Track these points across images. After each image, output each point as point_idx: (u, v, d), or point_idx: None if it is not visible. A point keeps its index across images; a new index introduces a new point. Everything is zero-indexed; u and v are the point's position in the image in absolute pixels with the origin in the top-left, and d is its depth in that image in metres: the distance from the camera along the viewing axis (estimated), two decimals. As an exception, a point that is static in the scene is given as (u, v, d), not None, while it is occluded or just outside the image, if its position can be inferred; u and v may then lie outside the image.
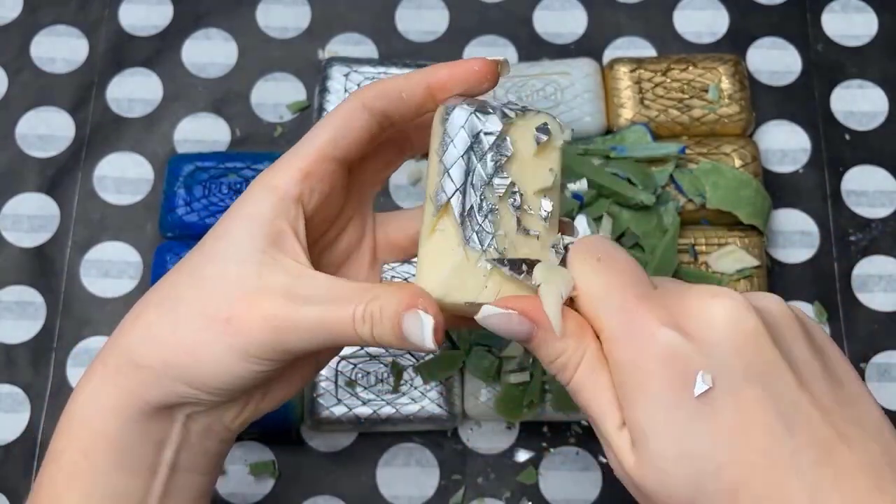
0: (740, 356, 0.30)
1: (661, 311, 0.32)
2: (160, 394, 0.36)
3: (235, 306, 0.34)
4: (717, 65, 0.62)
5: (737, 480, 0.30)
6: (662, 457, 0.31)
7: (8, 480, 0.56)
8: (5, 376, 0.58)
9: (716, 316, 0.31)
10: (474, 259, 0.35)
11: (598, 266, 0.34)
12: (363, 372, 0.56)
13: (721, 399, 0.30)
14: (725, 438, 0.30)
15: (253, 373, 0.35)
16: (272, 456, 0.57)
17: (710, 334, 0.31)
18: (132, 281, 0.60)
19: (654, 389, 0.31)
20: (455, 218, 0.35)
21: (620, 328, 0.32)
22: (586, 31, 0.67)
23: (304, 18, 0.67)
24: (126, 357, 0.36)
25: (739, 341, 0.30)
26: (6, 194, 0.63)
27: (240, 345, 0.34)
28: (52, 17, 0.67)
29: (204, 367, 0.35)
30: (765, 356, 0.31)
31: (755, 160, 0.59)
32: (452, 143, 0.36)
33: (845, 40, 0.66)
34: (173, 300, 0.36)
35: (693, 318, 0.31)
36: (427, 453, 0.57)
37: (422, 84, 0.37)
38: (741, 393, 0.30)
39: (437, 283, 0.35)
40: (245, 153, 0.62)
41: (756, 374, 0.30)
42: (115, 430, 0.36)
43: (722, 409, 0.30)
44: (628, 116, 0.61)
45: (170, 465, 0.37)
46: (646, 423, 0.31)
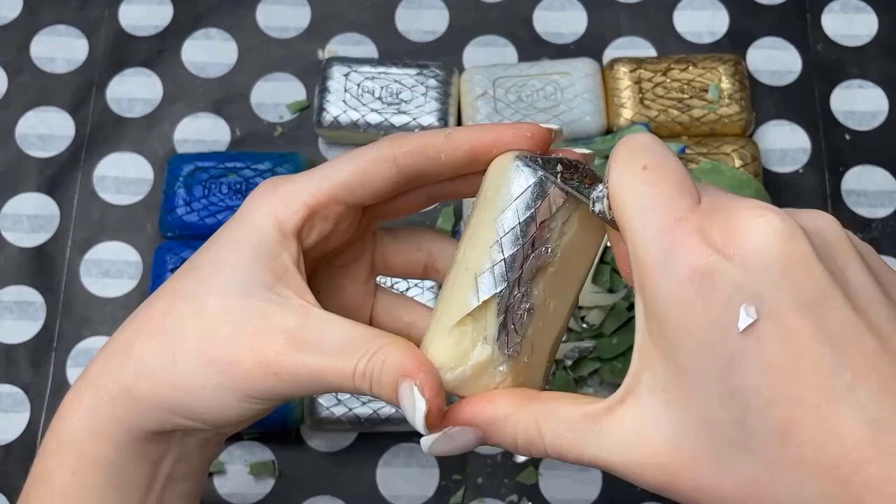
0: (788, 282, 0.27)
1: (704, 233, 0.28)
2: (157, 423, 0.35)
3: (238, 350, 0.33)
4: (717, 65, 0.62)
5: (787, 418, 0.27)
6: (705, 401, 0.28)
7: (8, 480, 0.56)
8: (5, 376, 0.58)
9: (762, 238, 0.28)
10: (497, 361, 0.32)
11: (643, 176, 0.30)
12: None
13: (768, 330, 0.27)
14: (774, 373, 0.27)
15: (254, 411, 0.34)
16: (272, 456, 0.57)
17: (756, 258, 0.28)
18: (132, 281, 0.60)
19: (693, 322, 0.28)
20: (496, 311, 0.32)
21: (659, 255, 0.29)
22: (586, 31, 0.67)
23: (304, 18, 0.67)
24: (120, 388, 0.35)
25: (787, 265, 0.28)
26: (6, 194, 0.63)
27: (241, 389, 0.33)
28: (52, 17, 0.67)
29: (203, 405, 0.34)
30: (816, 282, 0.28)
31: (755, 160, 0.59)
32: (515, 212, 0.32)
33: (845, 40, 0.66)
34: (170, 332, 0.34)
35: (738, 240, 0.28)
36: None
37: (464, 146, 0.34)
38: (789, 323, 0.27)
39: (454, 375, 0.33)
40: (245, 153, 0.62)
41: (806, 301, 0.27)
42: (110, 454, 0.35)
43: (769, 342, 0.27)
44: (628, 116, 0.61)
45: (166, 479, 0.37)
46: (686, 363, 0.28)
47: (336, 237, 0.36)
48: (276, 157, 0.60)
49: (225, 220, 0.58)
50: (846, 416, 0.27)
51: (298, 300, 0.33)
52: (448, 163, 0.34)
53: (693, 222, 0.29)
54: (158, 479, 0.37)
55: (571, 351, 0.54)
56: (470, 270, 0.32)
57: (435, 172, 0.35)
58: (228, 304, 0.33)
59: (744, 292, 0.27)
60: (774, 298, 0.27)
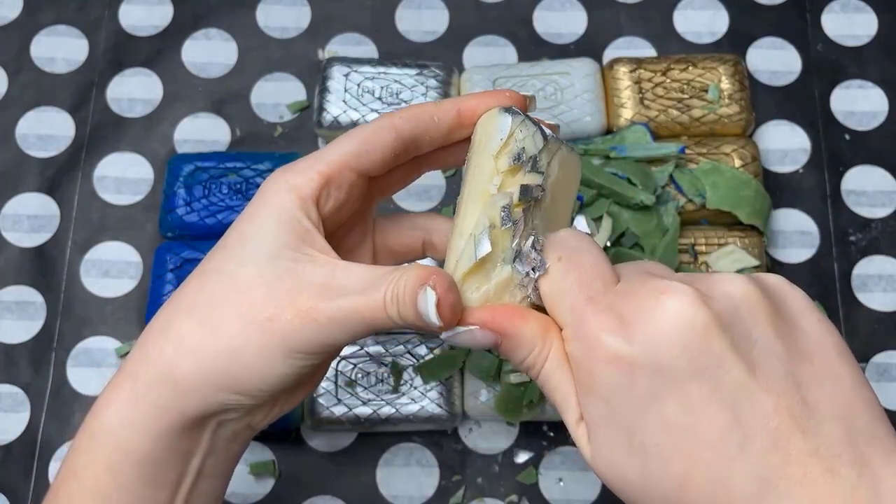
0: (687, 353, 0.31)
1: (609, 314, 0.32)
2: (199, 404, 0.35)
3: (275, 304, 0.35)
4: (717, 65, 0.62)
5: (683, 474, 0.31)
6: (614, 450, 0.32)
7: (8, 480, 0.56)
8: (5, 376, 0.58)
9: (662, 317, 0.31)
10: (516, 280, 0.35)
11: (557, 266, 0.35)
12: (363, 372, 0.56)
13: (667, 396, 0.31)
14: (672, 434, 0.31)
15: (297, 369, 0.35)
16: (272, 456, 0.57)
17: (657, 336, 0.31)
18: (132, 281, 0.60)
19: (602, 389, 0.32)
20: (511, 236, 0.35)
21: (572, 329, 0.33)
22: (586, 31, 0.67)
23: (304, 18, 0.67)
24: (160, 372, 0.36)
25: (686, 339, 0.31)
26: (6, 194, 0.63)
27: (284, 343, 0.35)
28: (52, 17, 0.67)
29: (248, 370, 0.35)
30: (711, 351, 0.31)
31: (755, 160, 0.59)
32: (522, 147, 0.36)
33: (845, 40, 0.66)
34: (205, 306, 0.36)
35: (639, 321, 0.32)
36: (427, 453, 0.57)
37: (453, 110, 0.38)
38: (687, 389, 0.31)
39: (479, 294, 0.35)
40: (245, 153, 0.62)
41: (702, 368, 0.30)
42: (145, 446, 0.36)
43: (668, 406, 0.31)
44: (628, 116, 0.61)
45: (195, 475, 0.37)
46: (597, 420, 0.33)
47: (347, 208, 0.38)
48: (276, 157, 0.60)
49: (225, 220, 0.58)
50: (737, 472, 0.30)
51: (324, 257, 0.36)
52: (440, 126, 0.38)
53: (603, 303, 0.33)
54: (188, 474, 0.37)
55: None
56: (477, 205, 0.36)
57: (428, 137, 0.38)
58: (260, 268, 0.35)
59: (644, 365, 0.31)
60: (673, 368, 0.31)
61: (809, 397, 0.30)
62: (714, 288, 0.32)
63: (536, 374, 0.35)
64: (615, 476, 0.33)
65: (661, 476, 0.31)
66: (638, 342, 0.31)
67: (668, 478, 0.31)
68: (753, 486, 0.29)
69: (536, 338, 0.35)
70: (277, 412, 0.39)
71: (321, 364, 0.39)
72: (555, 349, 0.35)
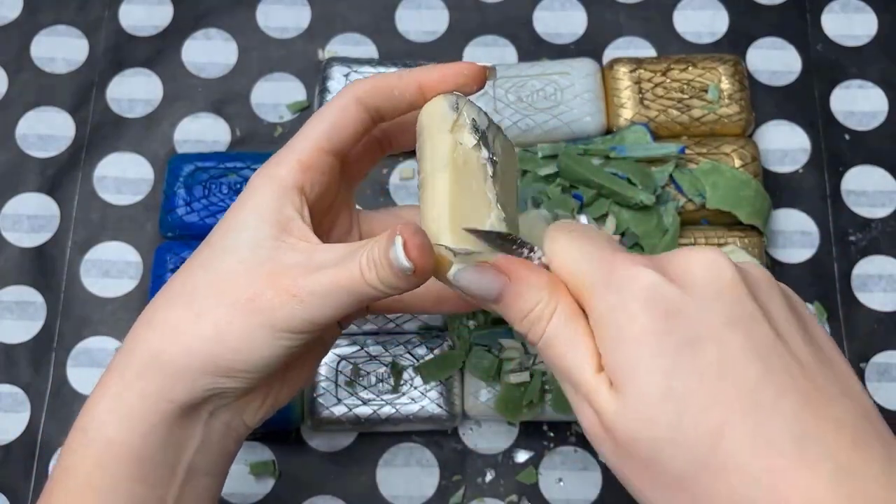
0: (721, 302, 0.31)
1: (641, 259, 0.33)
2: (187, 389, 0.36)
3: (256, 286, 0.35)
4: (717, 65, 0.62)
5: (721, 421, 0.30)
6: (646, 398, 0.31)
7: (8, 480, 0.56)
8: (5, 376, 0.58)
9: (696, 264, 0.31)
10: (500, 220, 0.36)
11: (571, 235, 0.35)
12: (363, 372, 0.56)
13: (705, 341, 0.30)
14: (710, 380, 0.30)
15: (283, 349, 0.35)
16: (272, 456, 0.57)
17: (692, 279, 0.31)
18: (132, 281, 0.60)
19: (637, 330, 0.31)
20: (491, 178, 0.37)
21: (601, 277, 0.33)
22: (586, 31, 0.67)
23: (304, 18, 0.67)
24: (147, 359, 0.36)
25: (720, 288, 0.31)
26: (6, 194, 0.63)
27: (266, 321, 0.35)
28: (52, 17, 0.67)
29: (233, 351, 0.35)
30: (744, 304, 0.31)
31: (755, 160, 0.59)
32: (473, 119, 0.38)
33: (845, 40, 0.66)
34: (189, 295, 0.36)
35: (674, 266, 0.32)
36: (427, 453, 0.57)
37: (414, 83, 0.38)
38: (723, 336, 0.30)
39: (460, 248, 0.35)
40: (245, 153, 0.62)
41: (736, 319, 0.31)
42: (136, 439, 0.36)
43: (706, 351, 0.30)
44: (628, 116, 0.61)
45: (187, 469, 0.37)
46: (630, 365, 0.31)
47: (329, 193, 0.39)
48: (276, 157, 0.60)
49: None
50: (774, 425, 0.29)
51: (304, 243, 0.36)
52: (402, 99, 0.38)
53: (630, 255, 0.33)
54: (181, 470, 0.37)
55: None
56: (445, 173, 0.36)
57: (392, 108, 0.39)
58: (240, 256, 0.36)
59: (682, 305, 0.31)
60: (709, 315, 0.31)
61: (827, 373, 0.31)
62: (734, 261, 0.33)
63: (542, 330, 0.34)
64: (643, 428, 0.31)
65: (695, 424, 0.30)
66: (675, 286, 0.31)
67: (703, 426, 0.30)
68: (790, 444, 0.29)
69: (543, 288, 0.34)
70: (271, 405, 0.39)
71: (311, 351, 0.40)
72: (563, 305, 0.34)
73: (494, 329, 0.55)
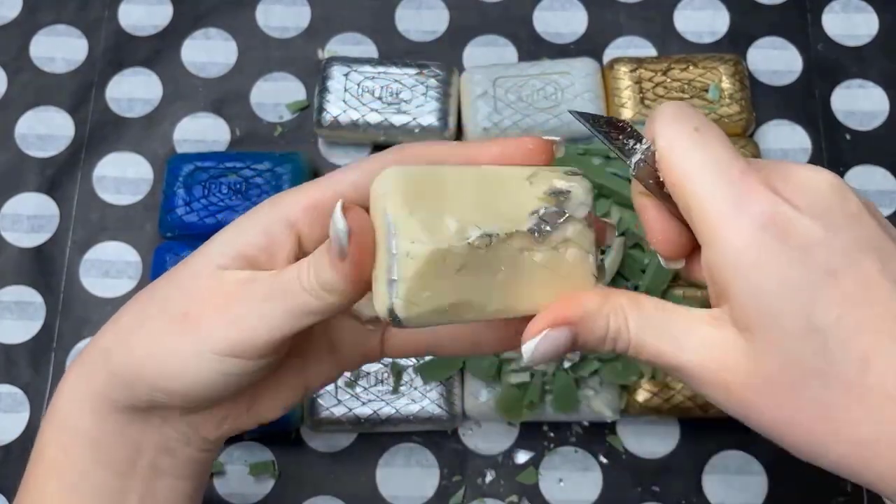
0: (852, 228, 0.30)
1: (771, 185, 0.30)
2: (126, 394, 0.35)
3: (193, 303, 0.33)
4: (718, 65, 0.62)
5: (867, 348, 0.29)
6: (787, 338, 0.29)
7: (8, 480, 0.56)
8: (5, 376, 0.58)
9: (823, 189, 0.30)
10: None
11: (696, 137, 0.31)
12: (363, 372, 0.56)
13: (842, 269, 0.29)
14: (852, 308, 0.29)
15: (217, 375, 0.33)
16: (272, 456, 0.57)
17: (822, 205, 0.30)
18: (132, 281, 0.60)
19: (772, 266, 0.29)
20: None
21: (728, 207, 0.30)
22: (586, 31, 0.67)
23: (304, 18, 0.67)
24: (96, 354, 0.36)
25: (849, 213, 0.30)
26: (6, 194, 0.63)
27: (199, 342, 0.33)
28: (52, 17, 0.67)
29: (164, 368, 0.34)
30: (872, 231, 0.30)
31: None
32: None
33: (845, 40, 0.66)
34: (147, 301, 0.36)
35: (800, 191, 0.30)
36: (427, 453, 0.57)
37: (466, 158, 0.34)
38: (861, 263, 0.29)
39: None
40: (245, 153, 0.62)
41: (868, 245, 0.30)
42: (91, 426, 0.36)
43: (844, 280, 0.29)
44: (628, 116, 0.61)
45: (150, 468, 0.37)
46: (765, 306, 0.30)
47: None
48: (276, 157, 0.60)
49: (224, 220, 0.58)
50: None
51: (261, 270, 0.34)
52: None
53: (757, 174, 0.30)
54: (141, 465, 0.36)
55: (573, 353, 0.54)
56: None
57: None
58: (196, 270, 0.34)
59: (817, 235, 0.29)
60: (844, 241, 0.29)
61: None
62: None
63: (627, 339, 0.32)
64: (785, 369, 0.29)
65: (843, 353, 0.29)
66: (808, 212, 0.30)
67: (851, 355, 0.29)
68: None
69: (603, 306, 0.32)
70: (232, 426, 0.38)
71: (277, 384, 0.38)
72: (628, 306, 0.32)
73: (494, 329, 0.55)
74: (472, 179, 0.32)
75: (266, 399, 0.38)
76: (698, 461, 0.56)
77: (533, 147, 0.34)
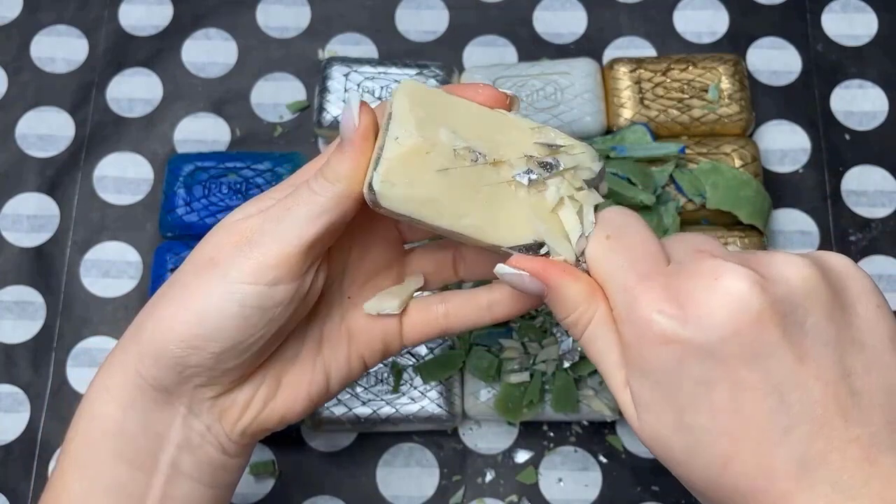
0: (739, 339, 0.31)
1: (661, 295, 0.32)
2: (154, 362, 0.36)
3: (218, 246, 0.36)
4: (717, 65, 0.62)
5: (728, 452, 0.32)
6: (660, 428, 0.33)
7: (8, 480, 0.56)
8: (5, 376, 0.58)
9: (718, 301, 0.31)
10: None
11: (606, 244, 0.35)
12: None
13: (717, 381, 0.31)
14: (720, 416, 0.32)
15: (249, 309, 0.35)
16: (272, 456, 0.57)
17: (709, 320, 0.31)
18: (132, 281, 0.60)
19: (653, 371, 0.33)
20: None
21: (623, 308, 0.34)
22: (586, 31, 0.67)
23: (304, 18, 0.67)
24: (131, 332, 0.37)
25: (740, 325, 0.31)
26: (6, 194, 0.63)
27: (221, 274, 0.35)
28: (52, 17, 0.67)
29: (191, 310, 0.35)
30: (764, 338, 0.31)
31: (755, 160, 0.59)
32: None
33: (845, 40, 0.66)
34: (176, 273, 0.37)
35: (693, 302, 0.32)
36: (427, 453, 0.57)
37: None
38: (737, 374, 0.31)
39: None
40: (245, 153, 0.62)
41: (754, 355, 0.31)
42: (115, 411, 0.36)
43: (718, 391, 0.31)
44: (628, 116, 0.61)
45: (171, 465, 0.37)
46: (645, 399, 0.33)
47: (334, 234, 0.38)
48: (276, 157, 0.60)
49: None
50: (779, 454, 0.31)
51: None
52: None
53: (655, 280, 0.33)
54: (163, 463, 0.37)
55: (571, 352, 0.54)
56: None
57: None
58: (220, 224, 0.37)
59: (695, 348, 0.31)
60: (725, 353, 0.31)
61: (857, 385, 0.31)
62: (772, 270, 0.32)
63: (578, 334, 0.36)
64: (660, 448, 0.34)
65: (706, 455, 0.32)
66: (691, 326, 0.31)
67: (713, 457, 0.32)
68: (793, 469, 0.30)
69: (581, 299, 0.35)
70: (253, 418, 0.38)
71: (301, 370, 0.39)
72: (600, 313, 0.35)
73: (494, 329, 0.55)
74: (478, 113, 0.36)
75: (289, 386, 0.39)
76: (698, 461, 0.56)
77: (483, 94, 0.36)
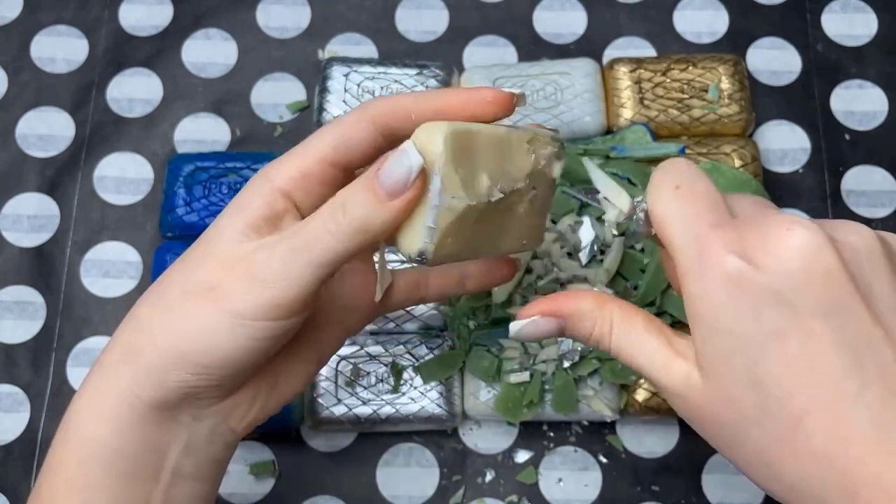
0: (812, 291, 0.31)
1: (734, 241, 0.32)
2: (155, 386, 0.35)
3: (217, 276, 0.35)
4: (717, 65, 0.62)
5: (802, 409, 0.31)
6: (732, 384, 0.32)
7: (8, 480, 0.56)
8: (5, 376, 0.58)
9: (790, 250, 0.31)
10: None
11: (675, 194, 0.34)
12: (363, 372, 0.56)
13: (790, 332, 0.31)
14: (794, 369, 0.31)
15: (246, 340, 0.35)
16: (272, 456, 0.57)
17: (783, 267, 0.31)
18: (132, 281, 0.60)
19: (724, 321, 0.32)
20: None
21: (693, 259, 0.33)
22: (586, 31, 0.67)
23: (304, 18, 0.67)
24: (119, 353, 0.36)
25: (812, 276, 0.31)
26: (6, 194, 0.63)
27: (225, 307, 0.34)
28: (52, 17, 0.67)
29: (195, 342, 0.35)
30: (838, 293, 0.31)
31: (755, 160, 0.59)
32: None
33: (845, 40, 0.66)
34: (161, 290, 0.36)
35: (767, 250, 0.31)
36: (427, 453, 0.57)
37: (432, 108, 0.37)
38: (811, 327, 0.31)
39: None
40: (245, 153, 0.62)
41: (827, 310, 0.31)
42: (113, 436, 0.35)
43: (791, 342, 0.31)
44: (628, 116, 0.61)
45: (172, 472, 0.37)
46: (716, 354, 0.32)
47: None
48: (276, 157, 0.60)
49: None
50: (854, 415, 0.30)
51: (273, 236, 0.36)
52: (418, 122, 0.37)
53: (726, 230, 0.32)
54: (165, 471, 0.36)
55: (571, 352, 0.54)
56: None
57: (405, 131, 0.37)
58: (208, 249, 0.36)
59: (769, 296, 0.31)
60: (799, 305, 0.31)
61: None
62: (838, 233, 0.32)
63: (608, 344, 0.36)
64: (729, 410, 0.32)
65: (779, 409, 0.31)
66: (767, 273, 0.31)
67: (786, 412, 0.31)
68: (871, 430, 0.30)
69: (595, 310, 0.36)
70: (258, 412, 0.39)
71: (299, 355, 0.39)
72: (617, 315, 0.36)
73: (494, 329, 0.55)
74: (493, 141, 0.36)
75: (286, 375, 0.39)
76: (698, 461, 0.56)
77: (491, 99, 0.36)
